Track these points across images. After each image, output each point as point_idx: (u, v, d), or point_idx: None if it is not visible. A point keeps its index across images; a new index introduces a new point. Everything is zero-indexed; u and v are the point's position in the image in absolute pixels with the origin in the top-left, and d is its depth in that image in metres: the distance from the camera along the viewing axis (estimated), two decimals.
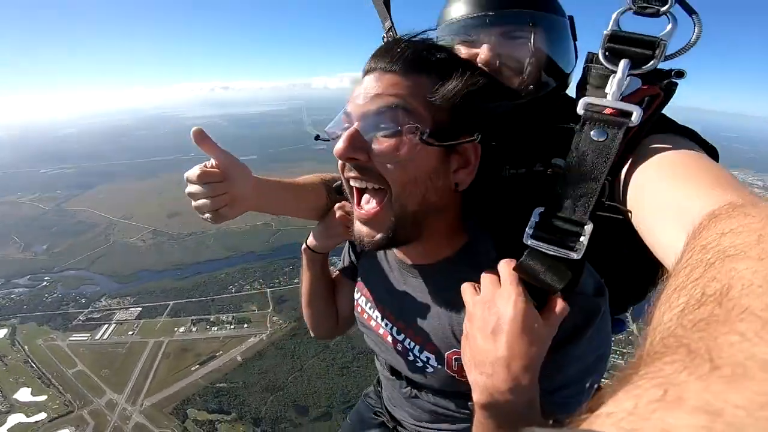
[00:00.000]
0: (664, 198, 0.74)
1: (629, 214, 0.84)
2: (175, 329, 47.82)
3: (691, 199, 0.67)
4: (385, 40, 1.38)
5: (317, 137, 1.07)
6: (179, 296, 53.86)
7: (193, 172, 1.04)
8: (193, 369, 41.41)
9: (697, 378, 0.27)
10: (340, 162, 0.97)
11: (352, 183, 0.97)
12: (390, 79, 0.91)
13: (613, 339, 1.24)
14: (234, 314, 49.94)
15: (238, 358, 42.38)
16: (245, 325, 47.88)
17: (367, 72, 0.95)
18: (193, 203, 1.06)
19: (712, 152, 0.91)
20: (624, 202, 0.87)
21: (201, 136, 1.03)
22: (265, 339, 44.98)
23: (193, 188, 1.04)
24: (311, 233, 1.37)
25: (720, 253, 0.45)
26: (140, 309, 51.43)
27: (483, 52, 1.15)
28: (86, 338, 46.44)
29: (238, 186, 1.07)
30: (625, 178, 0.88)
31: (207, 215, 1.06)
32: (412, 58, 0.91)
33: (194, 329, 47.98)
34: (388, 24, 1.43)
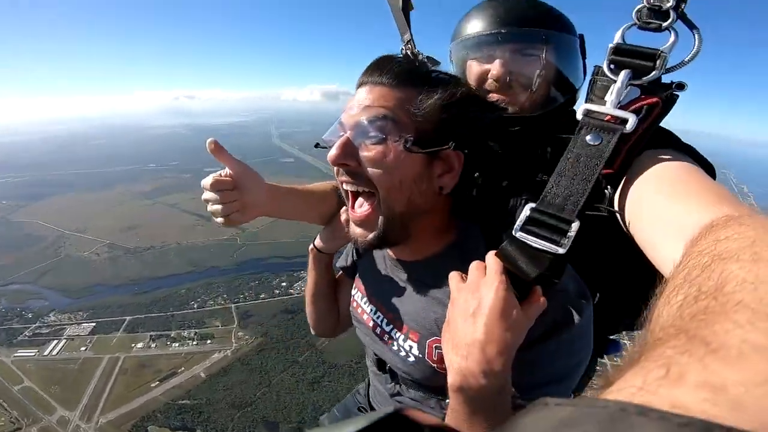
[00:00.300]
0: (663, 212, 0.76)
1: (626, 225, 0.88)
2: (133, 345, 46.08)
3: (690, 214, 0.68)
4: (403, 52, 1.50)
5: (317, 145, 1.15)
6: (137, 312, 51.87)
7: (207, 180, 1.13)
8: (153, 385, 40.13)
9: (697, 359, 0.29)
10: (335, 169, 1.05)
11: (345, 186, 1.05)
12: (380, 91, 0.98)
13: (608, 360, 1.38)
14: (196, 330, 48.76)
15: (202, 375, 41.50)
16: (209, 341, 46.89)
17: (360, 85, 1.03)
18: (207, 208, 1.16)
19: (709, 170, 0.94)
20: (622, 213, 0.90)
21: (216, 147, 1.11)
22: (230, 355, 44.24)
23: (207, 195, 1.14)
24: (318, 235, 1.47)
25: (715, 256, 0.47)
26: (94, 324, 49.17)
27: (494, 68, 1.22)
28: (33, 354, 43.99)
29: (250, 194, 1.17)
30: (623, 189, 0.91)
31: (219, 220, 1.16)
32: (401, 72, 0.99)
33: (153, 345, 46.44)
34: (407, 36, 1.52)
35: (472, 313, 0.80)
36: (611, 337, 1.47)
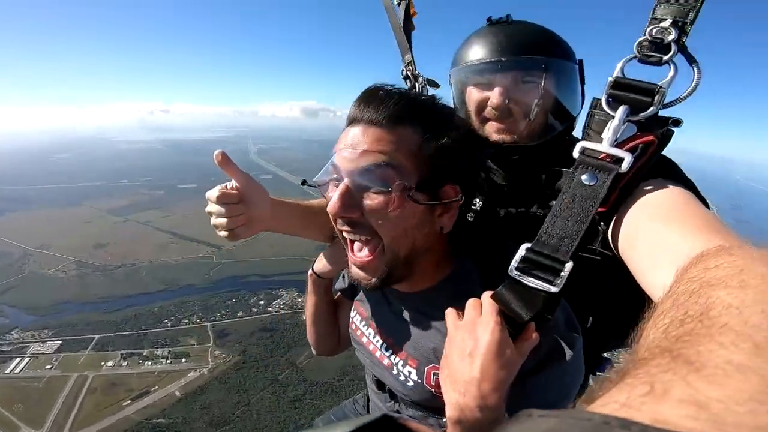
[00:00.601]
0: (657, 240, 0.79)
1: (618, 254, 0.90)
2: (102, 363, 44.47)
3: (683, 242, 0.70)
4: (404, 73, 1.48)
5: (304, 182, 1.15)
6: (106, 330, 50.14)
7: (213, 192, 1.10)
8: (124, 404, 38.78)
9: (680, 377, 0.30)
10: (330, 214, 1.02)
11: (345, 234, 1.04)
12: (376, 133, 0.95)
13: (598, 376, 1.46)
14: (170, 348, 47.52)
15: (177, 393, 40.39)
16: (183, 360, 45.73)
17: (352, 121, 1.00)
18: (212, 221, 1.14)
19: (704, 202, 0.95)
20: (617, 242, 0.91)
21: (224, 159, 1.10)
22: (206, 373, 43.29)
23: (212, 207, 1.11)
24: (317, 260, 1.44)
25: (704, 283, 0.49)
26: (60, 342, 47.17)
27: (494, 96, 1.22)
28: None
29: (256, 208, 1.15)
30: (617, 218, 0.92)
31: (224, 233, 1.13)
32: (396, 110, 0.95)
33: (125, 364, 44.94)
34: (408, 57, 1.51)
35: (470, 353, 0.84)
36: (604, 354, 1.51)
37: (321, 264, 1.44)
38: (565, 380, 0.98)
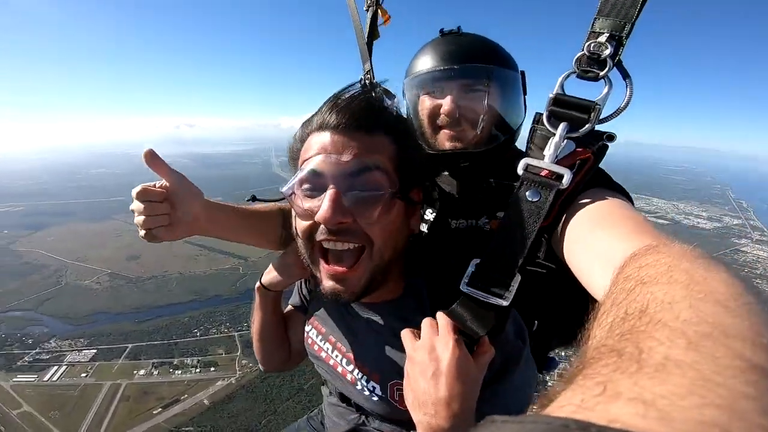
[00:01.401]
0: (595, 246, 0.83)
1: (564, 262, 0.95)
2: (135, 372, 45.20)
3: (618, 245, 0.75)
4: (363, 81, 1.53)
5: (253, 198, 1.17)
6: (138, 339, 51.10)
7: (136, 188, 1.04)
8: (155, 412, 39.20)
9: (628, 376, 0.32)
10: (305, 223, 1.00)
11: (330, 245, 0.99)
12: (360, 138, 0.96)
13: (546, 375, 1.50)
14: (199, 358, 47.96)
15: (206, 402, 40.55)
16: (212, 369, 46.10)
17: (325, 127, 0.99)
18: (134, 219, 1.06)
19: (631, 202, 1.03)
20: (561, 251, 0.96)
21: (152, 157, 1.04)
22: (234, 382, 43.38)
23: (134, 204, 1.04)
24: (266, 272, 1.38)
25: (638, 281, 0.53)
26: (95, 351, 48.35)
27: (446, 104, 1.28)
28: (33, 379, 43.01)
29: (185, 210, 1.08)
30: (562, 229, 0.97)
31: (141, 233, 1.05)
32: (374, 117, 0.99)
33: (156, 372, 45.58)
34: (367, 66, 1.58)
35: (433, 373, 0.84)
36: (549, 354, 1.59)
37: (271, 276, 1.36)
38: (521, 385, 1.04)
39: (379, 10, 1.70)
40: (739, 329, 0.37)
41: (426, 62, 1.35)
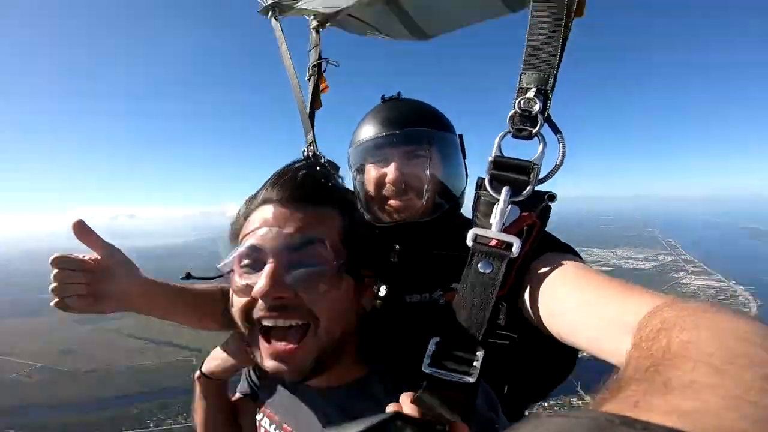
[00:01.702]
0: (592, 311, 0.78)
1: (544, 328, 0.89)
2: None
3: (624, 309, 0.72)
4: (305, 152, 1.52)
5: (188, 276, 1.09)
6: (85, 431, 46.84)
7: (53, 255, 1.00)
8: None
9: (659, 395, 0.34)
10: (242, 300, 0.95)
11: (269, 323, 0.93)
12: (303, 211, 0.93)
13: None
14: None
15: None
16: None
17: (268, 201, 0.97)
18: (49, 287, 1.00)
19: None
20: (538, 318, 0.91)
21: (80, 227, 1.01)
22: None
23: (53, 272, 1.00)
24: (207, 359, 1.31)
25: (660, 329, 0.54)
26: None
27: (390, 173, 1.27)
28: None
29: (114, 283, 1.05)
30: (530, 299, 0.92)
31: (52, 302, 1.00)
32: (317, 190, 0.96)
33: None
34: (310, 137, 1.57)
35: None
36: (525, 413, 1.56)
37: (213, 363, 1.30)
38: None
39: (319, 80, 1.77)
40: (762, 357, 0.38)
41: (368, 130, 1.36)
